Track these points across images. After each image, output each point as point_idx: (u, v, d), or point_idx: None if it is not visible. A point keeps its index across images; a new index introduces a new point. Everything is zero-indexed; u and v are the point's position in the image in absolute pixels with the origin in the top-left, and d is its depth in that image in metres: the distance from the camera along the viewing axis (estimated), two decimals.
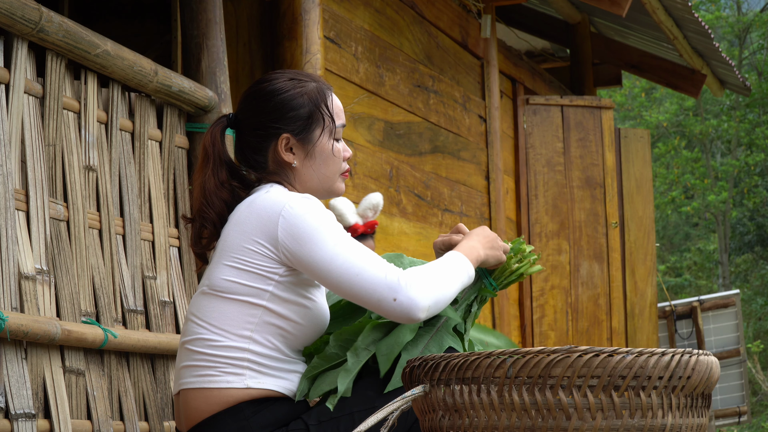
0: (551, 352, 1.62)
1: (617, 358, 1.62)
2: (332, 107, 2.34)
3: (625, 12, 5.90)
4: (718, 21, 20.97)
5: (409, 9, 5.53)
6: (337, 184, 2.38)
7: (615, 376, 1.62)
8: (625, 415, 1.64)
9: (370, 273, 2.16)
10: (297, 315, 2.25)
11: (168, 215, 3.41)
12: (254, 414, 2.20)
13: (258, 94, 2.33)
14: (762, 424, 14.50)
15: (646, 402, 1.64)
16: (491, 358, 1.69)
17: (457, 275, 2.23)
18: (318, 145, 2.32)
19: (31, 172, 2.80)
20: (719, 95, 8.93)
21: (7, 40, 2.79)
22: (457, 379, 1.74)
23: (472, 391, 1.71)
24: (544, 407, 1.63)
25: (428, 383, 1.81)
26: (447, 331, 2.27)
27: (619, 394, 1.62)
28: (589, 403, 1.61)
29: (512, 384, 1.65)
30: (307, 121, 2.30)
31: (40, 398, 2.68)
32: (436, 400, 1.80)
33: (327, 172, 2.34)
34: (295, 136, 2.31)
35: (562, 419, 1.61)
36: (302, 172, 2.33)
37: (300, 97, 2.31)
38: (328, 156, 2.33)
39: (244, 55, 4.52)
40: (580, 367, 1.60)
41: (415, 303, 2.14)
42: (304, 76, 2.35)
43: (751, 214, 20.13)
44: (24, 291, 2.68)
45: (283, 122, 2.30)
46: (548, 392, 1.62)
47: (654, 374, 1.64)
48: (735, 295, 8.74)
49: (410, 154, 5.45)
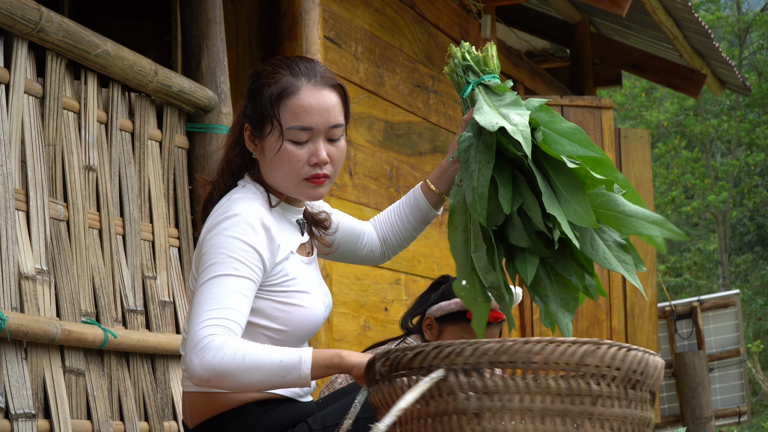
0: (583, 343, 1.81)
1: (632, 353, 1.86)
2: (289, 105, 2.19)
3: (625, 12, 5.90)
4: (718, 21, 20.98)
5: (409, 9, 5.53)
6: (299, 188, 2.22)
7: (630, 370, 1.84)
8: (632, 406, 1.87)
9: (200, 316, 2.05)
10: (276, 322, 2.20)
11: (168, 215, 3.40)
12: (260, 415, 2.20)
13: (249, 74, 2.31)
14: (762, 424, 14.50)
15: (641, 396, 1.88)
16: (529, 344, 1.81)
17: (271, 376, 2.02)
18: (267, 142, 2.21)
19: (31, 172, 2.80)
20: (719, 95, 8.93)
21: (7, 40, 2.79)
22: (489, 363, 1.82)
23: (505, 375, 1.82)
24: (576, 392, 1.81)
25: (446, 368, 1.84)
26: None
27: (631, 386, 1.85)
28: (611, 392, 1.83)
29: (548, 370, 1.81)
30: (260, 114, 2.21)
31: (40, 398, 2.68)
32: (458, 384, 1.83)
33: (278, 173, 2.22)
34: (252, 128, 2.24)
35: (588, 404, 1.82)
36: (262, 166, 2.25)
37: (264, 88, 2.21)
38: (276, 156, 2.20)
39: (244, 55, 4.52)
40: (609, 359, 1.82)
41: (193, 371, 2.02)
42: (286, 67, 2.23)
43: (751, 214, 20.13)
44: (24, 291, 2.68)
45: (248, 109, 2.25)
46: (581, 380, 1.81)
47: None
48: (735, 295, 8.74)
49: (410, 154, 5.45)
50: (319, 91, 2.22)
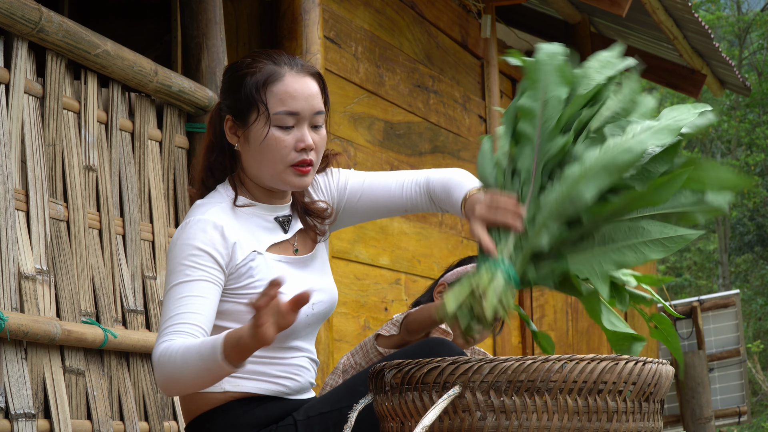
0: (601, 359, 1.83)
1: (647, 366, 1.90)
2: (275, 92, 2.21)
3: (625, 12, 5.90)
4: (718, 21, 20.98)
5: (409, 9, 5.53)
6: (285, 176, 2.22)
7: (645, 383, 1.87)
8: (645, 419, 1.91)
9: (161, 325, 2.12)
10: (242, 323, 2.13)
11: (168, 215, 3.41)
12: (245, 413, 2.21)
13: (224, 70, 2.33)
14: (762, 424, 14.51)
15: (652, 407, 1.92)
16: (549, 363, 1.82)
17: (204, 373, 2.01)
18: (252, 130, 2.21)
19: (31, 172, 2.80)
20: (719, 95, 8.93)
21: (7, 40, 2.79)
22: (508, 382, 1.82)
23: (524, 394, 1.82)
24: (594, 410, 1.84)
25: (462, 385, 1.85)
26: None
27: (644, 398, 1.89)
28: (626, 407, 1.86)
29: (567, 388, 1.82)
30: (244, 103, 2.21)
31: (40, 398, 2.68)
32: (474, 402, 1.84)
33: (265, 161, 2.21)
34: (234, 118, 2.24)
35: (604, 421, 1.85)
36: (245, 158, 2.25)
37: (246, 77, 2.22)
38: (262, 143, 2.20)
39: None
40: (626, 375, 1.84)
41: (155, 375, 2.11)
42: (266, 57, 2.26)
43: (751, 214, 20.14)
44: (24, 291, 2.68)
45: (227, 102, 2.26)
46: (597, 397, 1.83)
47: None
48: (735, 295, 8.75)
49: (410, 154, 5.45)
50: (303, 77, 2.25)
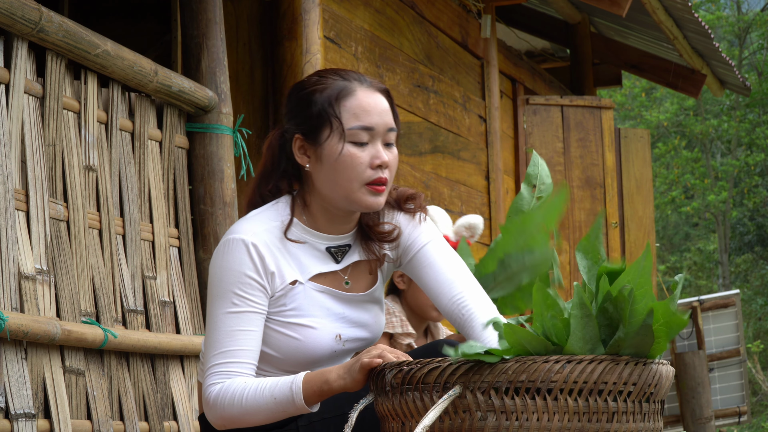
0: (601, 360, 1.83)
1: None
2: (348, 106, 2.13)
3: (625, 12, 5.90)
4: (718, 21, 20.97)
5: (409, 9, 5.53)
6: (359, 196, 2.14)
7: (646, 384, 1.87)
8: (645, 419, 1.90)
9: (207, 362, 2.13)
10: (269, 347, 2.20)
11: (168, 215, 3.41)
12: None
13: (288, 93, 2.27)
14: (762, 424, 14.51)
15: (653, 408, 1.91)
16: (549, 363, 1.82)
17: (274, 413, 2.07)
18: (325, 148, 2.14)
19: (31, 172, 2.80)
20: (719, 95, 8.93)
21: (7, 40, 2.79)
22: (508, 383, 1.82)
23: (524, 395, 1.82)
24: (594, 410, 1.83)
25: (462, 385, 1.85)
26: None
27: (645, 399, 1.89)
28: (627, 407, 1.86)
29: (567, 389, 1.82)
30: (316, 120, 2.15)
31: (40, 398, 2.69)
32: (474, 403, 1.84)
33: (339, 179, 2.14)
34: (305, 137, 2.17)
35: (605, 421, 1.85)
36: (315, 178, 2.18)
37: (315, 94, 2.16)
38: (337, 160, 2.13)
39: (244, 55, 4.51)
40: (627, 375, 1.84)
41: (212, 424, 2.13)
42: (334, 73, 2.19)
43: (751, 214, 20.13)
44: (24, 291, 2.68)
45: (295, 121, 2.19)
46: (598, 397, 1.83)
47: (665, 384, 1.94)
48: (735, 295, 8.73)
49: (410, 154, 5.45)
50: (374, 92, 2.18)
